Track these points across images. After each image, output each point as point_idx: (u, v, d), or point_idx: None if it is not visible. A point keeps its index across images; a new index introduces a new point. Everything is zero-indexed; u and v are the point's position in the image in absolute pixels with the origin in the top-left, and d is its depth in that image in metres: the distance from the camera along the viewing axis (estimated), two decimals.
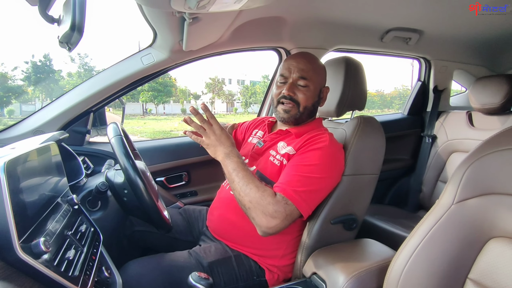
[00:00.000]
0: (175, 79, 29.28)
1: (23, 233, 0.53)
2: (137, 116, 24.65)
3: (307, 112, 1.13)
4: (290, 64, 1.12)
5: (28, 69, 22.43)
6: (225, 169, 0.99)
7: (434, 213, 0.76)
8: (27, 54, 48.22)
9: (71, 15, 0.57)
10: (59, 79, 24.78)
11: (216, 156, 1.01)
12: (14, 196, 0.52)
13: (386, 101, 36.39)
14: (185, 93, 30.65)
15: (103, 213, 1.00)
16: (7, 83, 21.67)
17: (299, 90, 1.10)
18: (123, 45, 70.94)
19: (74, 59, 24.92)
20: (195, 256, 1.07)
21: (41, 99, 23.84)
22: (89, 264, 0.68)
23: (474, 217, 0.70)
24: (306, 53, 1.18)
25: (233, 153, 0.99)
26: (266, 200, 0.91)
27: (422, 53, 2.05)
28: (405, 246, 0.79)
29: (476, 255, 0.71)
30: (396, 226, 1.64)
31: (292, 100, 1.10)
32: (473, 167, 0.72)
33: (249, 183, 0.94)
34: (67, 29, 0.58)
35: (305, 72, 1.10)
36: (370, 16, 1.56)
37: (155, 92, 24.89)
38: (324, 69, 1.18)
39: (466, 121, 1.89)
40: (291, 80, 1.11)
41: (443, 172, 1.98)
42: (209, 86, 30.54)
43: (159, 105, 26.80)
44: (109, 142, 0.99)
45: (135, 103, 26.94)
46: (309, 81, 1.10)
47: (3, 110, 20.46)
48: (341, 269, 0.92)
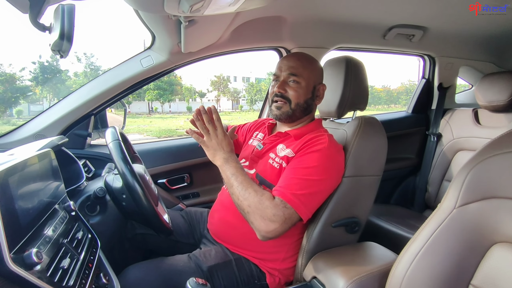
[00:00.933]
0: (180, 78, 29.44)
1: (15, 243, 0.52)
2: (143, 115, 24.81)
3: (299, 109, 1.12)
4: (282, 63, 1.14)
5: (35, 70, 22.72)
6: (224, 174, 1.00)
7: (436, 217, 0.75)
8: (34, 54, 48.68)
9: (60, 24, 0.56)
10: (66, 79, 25.07)
11: (215, 160, 1.02)
12: (6, 207, 0.52)
13: (392, 96, 36.10)
14: (191, 91, 30.75)
15: (102, 218, 1.00)
16: (16, 84, 21.95)
17: (290, 87, 1.11)
18: (128, 44, 71.35)
19: (81, 59, 25.18)
20: (195, 260, 1.06)
21: (48, 99, 24.15)
22: (85, 272, 0.68)
23: (476, 221, 0.69)
24: (298, 52, 1.20)
25: (232, 158, 1.00)
26: (264, 204, 0.90)
27: (426, 50, 2.01)
28: (407, 250, 0.78)
29: (479, 260, 0.69)
30: (401, 228, 1.61)
31: (283, 97, 1.11)
32: (475, 171, 0.70)
33: (247, 188, 0.94)
34: (56, 38, 0.58)
35: (294, 69, 1.10)
36: (372, 13, 1.53)
37: (160, 90, 25.06)
38: (318, 66, 1.17)
39: (472, 118, 1.85)
40: (282, 78, 1.12)
41: (449, 171, 1.95)
42: (215, 84, 30.60)
43: (165, 103, 26.94)
44: (107, 146, 0.99)
45: (141, 101, 27.12)
46: (299, 77, 1.10)
47: (12, 110, 20.75)
48: (342, 273, 0.90)
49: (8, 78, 21.34)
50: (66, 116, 1.38)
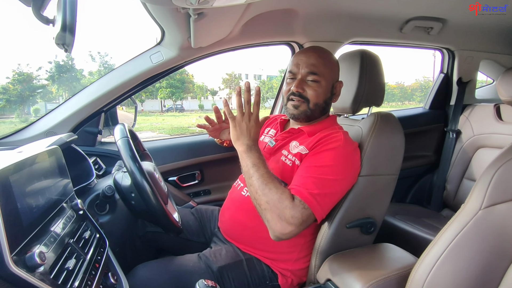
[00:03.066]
0: (192, 76, 29.65)
1: (17, 245, 0.51)
2: (156, 113, 25.11)
3: (318, 109, 1.07)
4: (299, 59, 1.07)
5: (51, 69, 23.43)
6: (243, 162, 0.93)
7: (460, 218, 0.71)
8: (50, 54, 49.83)
9: (62, 15, 0.54)
10: (81, 78, 25.62)
11: (237, 144, 0.94)
12: (7, 207, 0.50)
13: (406, 93, 35.50)
14: (203, 89, 30.94)
15: (112, 217, 0.99)
16: (33, 83, 22.55)
17: (309, 86, 1.05)
18: (141, 42, 72.22)
19: (95, 58, 25.79)
20: (205, 260, 1.04)
21: (64, 97, 24.72)
22: (91, 273, 0.66)
23: (504, 224, 0.65)
24: (316, 47, 1.12)
25: (256, 148, 0.94)
26: (284, 204, 0.85)
27: (445, 43, 1.94)
28: (428, 253, 0.75)
29: (507, 266, 0.66)
30: (419, 228, 1.55)
31: (301, 96, 1.05)
32: (503, 169, 0.67)
33: (268, 183, 0.88)
34: (59, 30, 0.56)
35: (315, 67, 1.04)
36: (389, 5, 1.48)
37: (173, 88, 25.34)
38: (336, 63, 1.12)
39: (494, 114, 1.78)
40: (300, 76, 1.06)
41: (469, 169, 1.88)
42: (226, 81, 30.70)
43: (177, 101, 27.19)
44: (116, 144, 0.98)
45: (154, 100, 27.45)
46: (320, 77, 1.04)
47: (30, 108, 21.30)
48: (358, 277, 0.87)
49: (26, 77, 21.91)
50: (76, 113, 1.38)
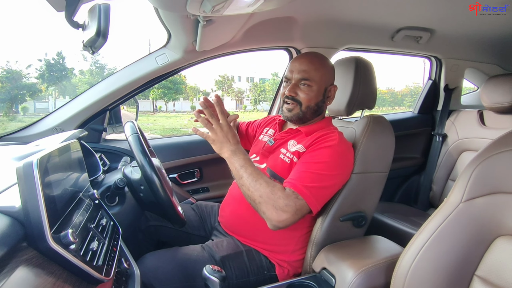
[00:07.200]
0: (184, 77, 29.39)
1: (53, 224, 0.57)
2: (147, 113, 24.87)
3: (310, 111, 1.15)
4: (293, 66, 1.15)
5: (41, 67, 22.79)
6: (232, 166, 1.00)
7: (443, 211, 0.78)
8: (40, 52, 48.97)
9: (97, 22, 0.61)
10: (71, 77, 25.15)
11: (222, 153, 1.02)
12: (45, 190, 0.56)
13: (397, 98, 35.85)
14: (195, 90, 30.76)
15: (121, 208, 1.04)
16: (22, 81, 22.07)
17: (301, 90, 1.13)
18: (133, 43, 71.57)
19: (86, 58, 25.31)
20: (208, 250, 1.11)
21: (54, 96, 24.26)
22: (110, 255, 0.72)
23: (482, 215, 0.72)
24: (310, 53, 1.19)
25: (239, 150, 1.01)
26: (276, 195, 0.93)
27: (433, 51, 2.04)
28: (413, 242, 0.81)
29: (483, 252, 0.73)
30: (405, 224, 1.65)
31: (294, 100, 1.13)
32: (482, 166, 0.73)
33: (258, 179, 0.96)
34: (92, 35, 0.62)
35: (306, 73, 1.11)
36: (381, 15, 1.56)
37: (165, 89, 25.04)
38: (331, 67, 1.18)
39: (478, 120, 1.88)
40: (293, 81, 1.13)
41: (453, 171, 1.98)
42: (219, 83, 30.57)
43: (169, 102, 26.98)
44: (127, 139, 1.04)
45: (145, 100, 27.19)
46: (311, 81, 1.12)
47: (18, 107, 20.87)
48: (350, 265, 0.94)
49: (15, 75, 21.46)
50: (83, 111, 1.43)
